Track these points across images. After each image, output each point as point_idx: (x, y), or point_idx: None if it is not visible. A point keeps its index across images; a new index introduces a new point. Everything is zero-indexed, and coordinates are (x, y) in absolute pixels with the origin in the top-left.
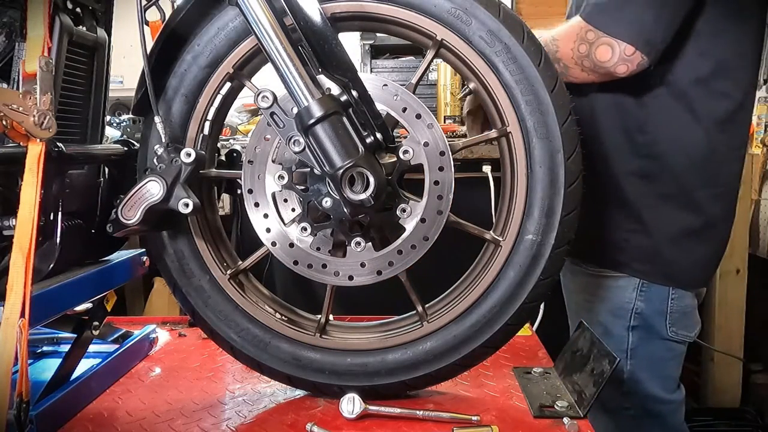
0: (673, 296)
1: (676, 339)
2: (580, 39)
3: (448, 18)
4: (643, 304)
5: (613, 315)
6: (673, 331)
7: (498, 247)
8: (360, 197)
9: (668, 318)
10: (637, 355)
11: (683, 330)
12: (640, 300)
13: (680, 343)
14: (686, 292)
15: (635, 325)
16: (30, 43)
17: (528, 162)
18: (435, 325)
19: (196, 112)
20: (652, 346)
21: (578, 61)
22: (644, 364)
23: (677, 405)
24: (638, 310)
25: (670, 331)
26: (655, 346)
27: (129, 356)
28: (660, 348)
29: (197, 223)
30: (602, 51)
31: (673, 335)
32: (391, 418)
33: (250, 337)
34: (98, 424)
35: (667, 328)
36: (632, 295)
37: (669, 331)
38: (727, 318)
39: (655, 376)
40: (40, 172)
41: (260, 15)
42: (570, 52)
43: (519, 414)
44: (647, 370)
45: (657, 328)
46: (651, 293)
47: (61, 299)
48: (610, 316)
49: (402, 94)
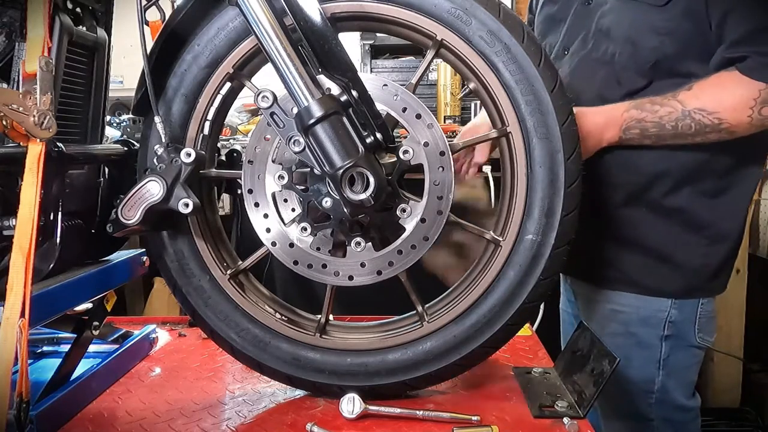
0: (702, 302)
1: (701, 345)
2: (762, 103)
3: (448, 18)
4: (677, 311)
5: (646, 325)
6: (700, 337)
7: (498, 247)
8: (360, 197)
9: (697, 324)
10: (669, 365)
11: (708, 335)
12: (674, 308)
13: (702, 349)
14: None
15: (668, 334)
16: (30, 43)
17: (528, 162)
18: (435, 325)
19: (196, 112)
20: (682, 354)
21: (761, 124)
22: (674, 373)
23: (696, 412)
24: (672, 319)
25: (698, 337)
26: (684, 353)
27: (129, 356)
28: (688, 355)
29: (197, 223)
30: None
31: (700, 341)
32: (391, 418)
33: (250, 337)
34: (98, 424)
35: (696, 335)
36: (667, 303)
37: (697, 338)
38: (727, 318)
39: (680, 384)
40: (40, 172)
41: (260, 15)
42: (748, 120)
43: (519, 414)
44: (675, 378)
45: (688, 335)
46: (684, 302)
47: (61, 299)
48: (642, 327)
49: (402, 94)
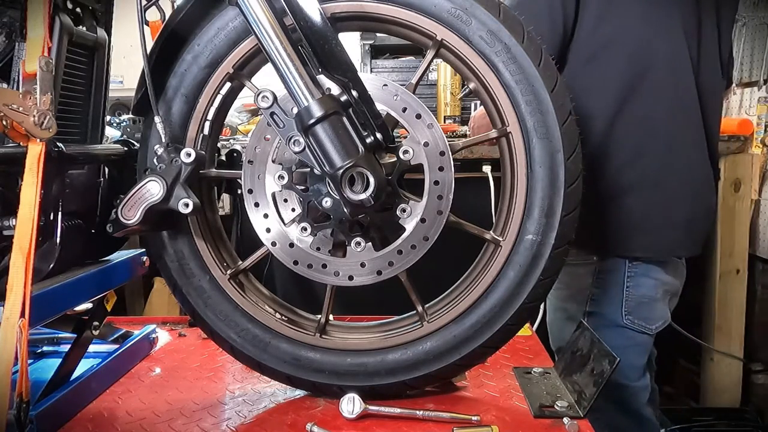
0: (628, 285)
1: (634, 328)
2: None
3: (448, 18)
4: (598, 289)
5: (572, 301)
6: (630, 319)
7: (498, 247)
8: (360, 197)
9: (624, 306)
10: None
11: (643, 320)
12: (595, 286)
13: (639, 333)
14: (643, 280)
15: (590, 311)
16: (30, 43)
17: (528, 162)
18: (435, 325)
19: (196, 112)
20: (609, 332)
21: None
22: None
23: (638, 390)
24: (593, 296)
25: (626, 318)
26: (611, 332)
27: (129, 356)
28: (616, 335)
29: (197, 223)
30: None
31: (629, 323)
32: (391, 418)
33: (250, 337)
34: (98, 424)
35: (623, 316)
36: (589, 280)
37: (625, 319)
38: (727, 318)
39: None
40: (40, 172)
41: (260, 15)
42: None
43: (519, 414)
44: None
45: (611, 314)
46: (606, 278)
47: (61, 299)
48: (569, 302)
49: (402, 94)
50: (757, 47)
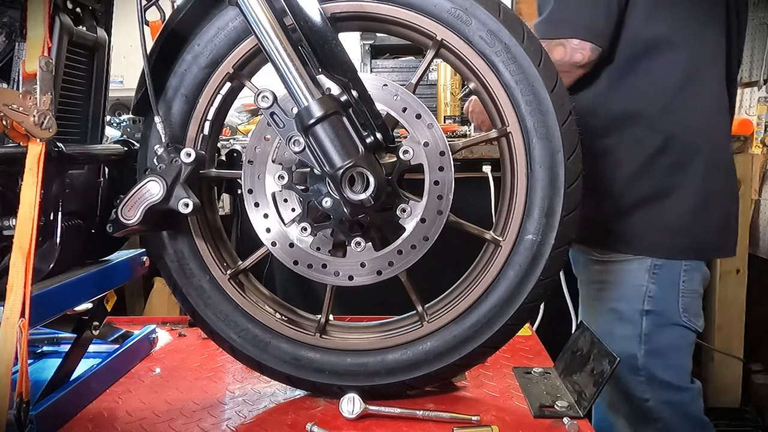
0: (684, 279)
1: (688, 326)
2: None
3: (448, 18)
4: (655, 286)
5: (625, 300)
6: (686, 317)
7: (498, 247)
8: (360, 197)
9: (680, 302)
10: (652, 341)
11: (694, 317)
12: (652, 282)
13: (692, 331)
14: (695, 275)
15: (648, 309)
16: (30, 43)
17: (528, 162)
18: (435, 325)
19: (196, 112)
20: (666, 332)
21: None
22: (658, 351)
23: (695, 393)
24: (650, 293)
25: (683, 315)
26: (669, 331)
27: (129, 356)
28: (675, 335)
29: (197, 223)
30: (556, 52)
31: (686, 321)
32: (391, 418)
33: (250, 337)
34: (98, 424)
35: (680, 313)
36: (644, 276)
37: (682, 316)
38: (727, 318)
39: (669, 364)
40: (40, 172)
41: (260, 15)
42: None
43: (519, 414)
44: (661, 356)
45: (670, 312)
46: (662, 274)
47: (61, 299)
48: (622, 302)
49: (402, 94)
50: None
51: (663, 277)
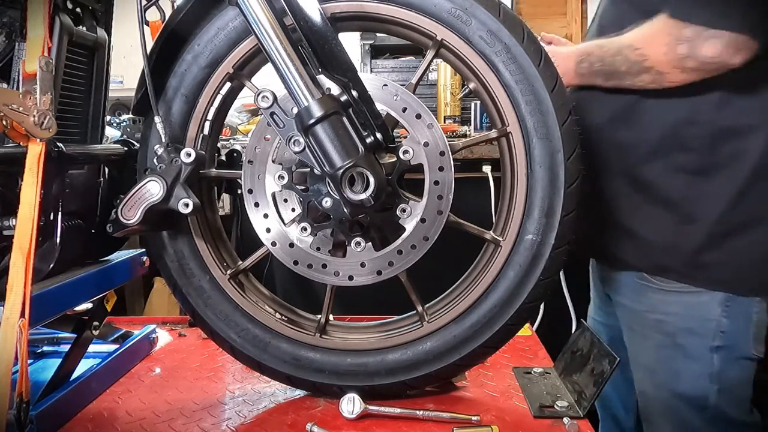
0: (756, 310)
1: (755, 357)
2: (676, 39)
3: (448, 18)
4: (728, 320)
5: (693, 335)
6: (756, 349)
7: (498, 247)
8: (360, 197)
9: (752, 335)
10: (723, 379)
11: (760, 346)
12: (724, 316)
13: (756, 362)
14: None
15: (719, 345)
16: (30, 43)
17: (528, 162)
18: (435, 325)
19: (196, 112)
20: (738, 367)
21: (678, 64)
22: (731, 388)
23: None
24: (722, 328)
25: (754, 348)
26: (739, 366)
27: (129, 356)
28: (744, 368)
29: (197, 223)
30: (709, 46)
31: (755, 354)
32: (391, 418)
33: (250, 337)
34: (98, 424)
35: (752, 346)
36: (716, 310)
37: (753, 349)
38: None
39: (738, 398)
40: (40, 172)
41: (260, 15)
42: (664, 57)
43: (519, 414)
44: (732, 392)
45: (742, 346)
46: (735, 308)
47: (61, 299)
48: (689, 337)
49: (402, 94)
50: None
51: (736, 310)
